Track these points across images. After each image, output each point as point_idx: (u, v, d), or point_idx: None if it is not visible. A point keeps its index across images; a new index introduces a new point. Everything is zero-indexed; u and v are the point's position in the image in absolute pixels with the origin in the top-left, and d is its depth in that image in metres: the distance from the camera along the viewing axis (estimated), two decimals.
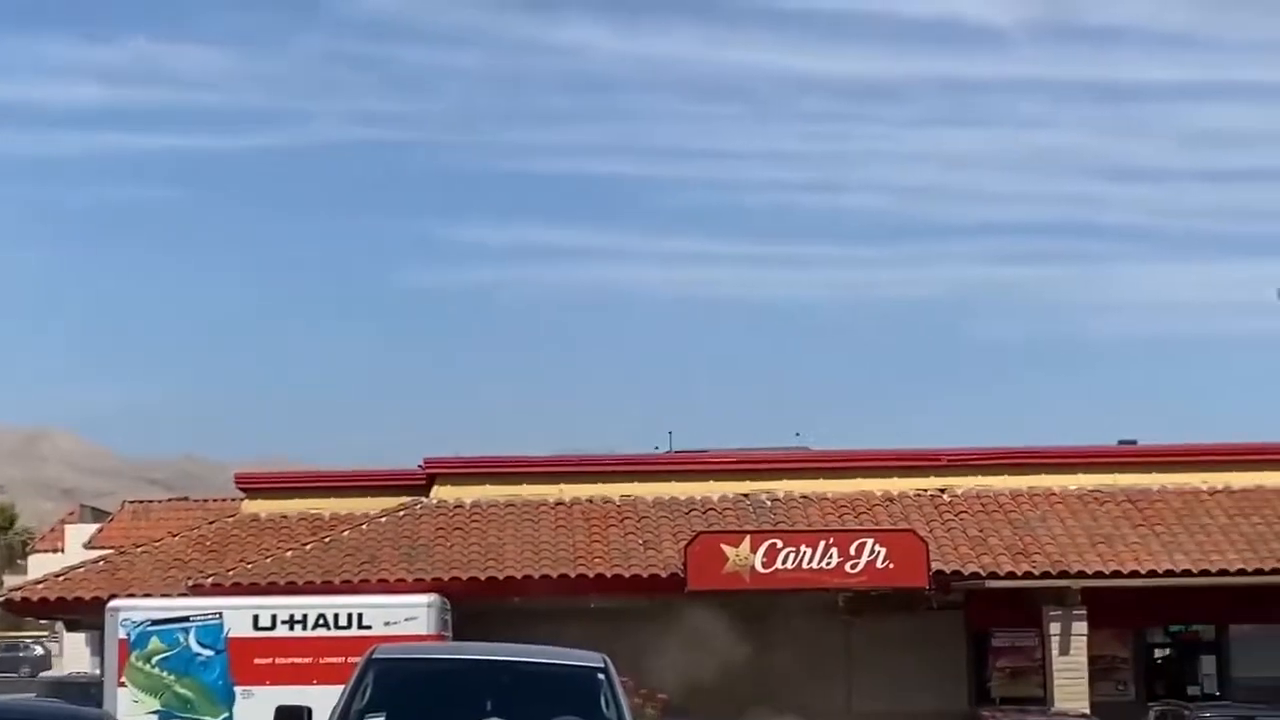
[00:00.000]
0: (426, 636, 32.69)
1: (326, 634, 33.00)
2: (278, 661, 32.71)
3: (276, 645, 32.94)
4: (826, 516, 39.49)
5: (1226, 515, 39.36)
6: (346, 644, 32.54)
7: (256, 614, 33.45)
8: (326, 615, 33.21)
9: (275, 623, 33.16)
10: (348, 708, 14.10)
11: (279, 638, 33.02)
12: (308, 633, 33.08)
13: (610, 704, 14.28)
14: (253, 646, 32.82)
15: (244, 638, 32.92)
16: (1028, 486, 40.78)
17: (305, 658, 32.73)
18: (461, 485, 41.14)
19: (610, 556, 37.86)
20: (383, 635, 32.49)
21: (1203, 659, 40.65)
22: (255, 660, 32.71)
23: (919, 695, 38.11)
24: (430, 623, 33.25)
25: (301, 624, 33.17)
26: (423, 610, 33.41)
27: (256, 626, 33.18)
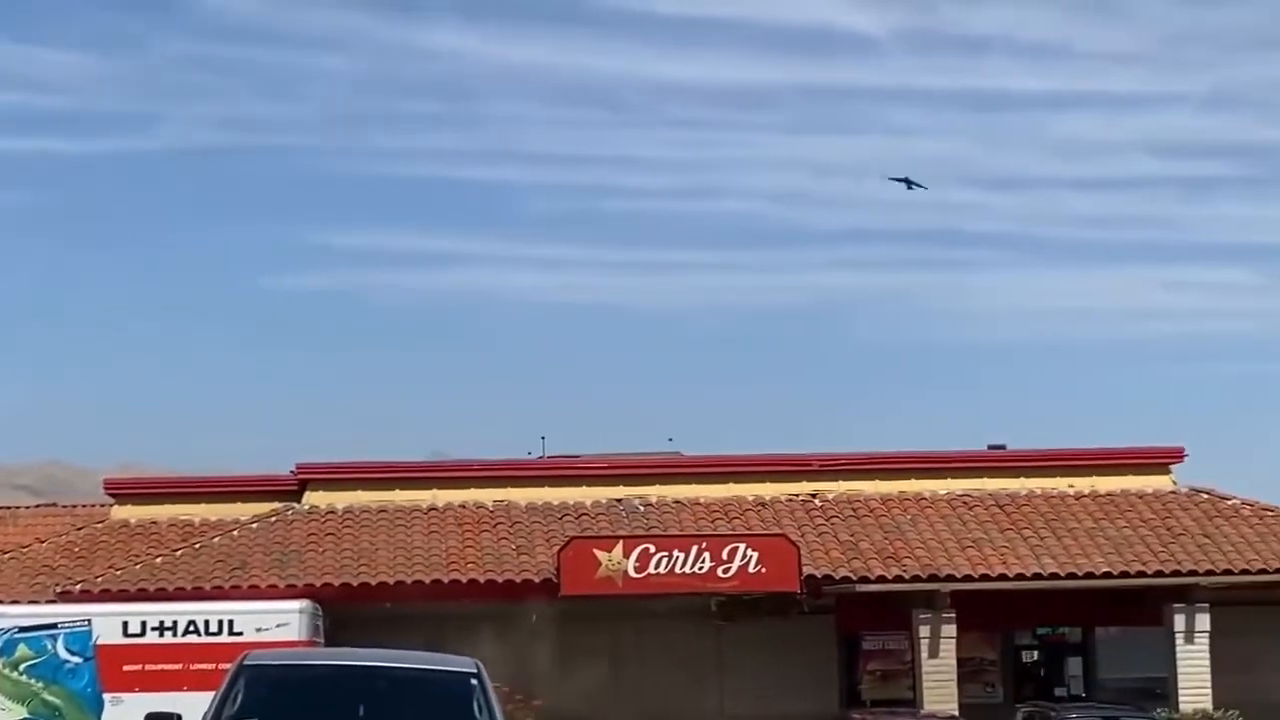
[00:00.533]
0: (298, 642, 32.52)
1: (197, 640, 32.72)
2: (147, 668, 32.37)
3: (146, 652, 32.61)
4: (699, 521, 39.68)
5: (1093, 519, 39.94)
6: (217, 650, 32.30)
7: (126, 620, 33.09)
8: (197, 621, 32.93)
9: (145, 629, 32.83)
10: (218, 714, 14.02)
11: (149, 644, 32.71)
12: (178, 639, 32.79)
13: (483, 709, 14.29)
14: (122, 653, 32.46)
15: (113, 644, 32.56)
16: (898, 491, 41.17)
17: (176, 664, 32.42)
18: (333, 491, 40.94)
19: (483, 561, 37.82)
20: (254, 641, 32.27)
21: (1069, 660, 41.23)
22: (125, 667, 32.35)
23: (790, 698, 38.37)
24: (302, 628, 33.05)
25: (172, 630, 32.87)
26: (294, 616, 33.21)
27: (126, 633, 32.83)
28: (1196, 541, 38.77)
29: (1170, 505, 40.75)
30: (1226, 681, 36.50)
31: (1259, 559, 38.06)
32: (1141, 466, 42.19)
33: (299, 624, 32.96)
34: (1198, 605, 36.74)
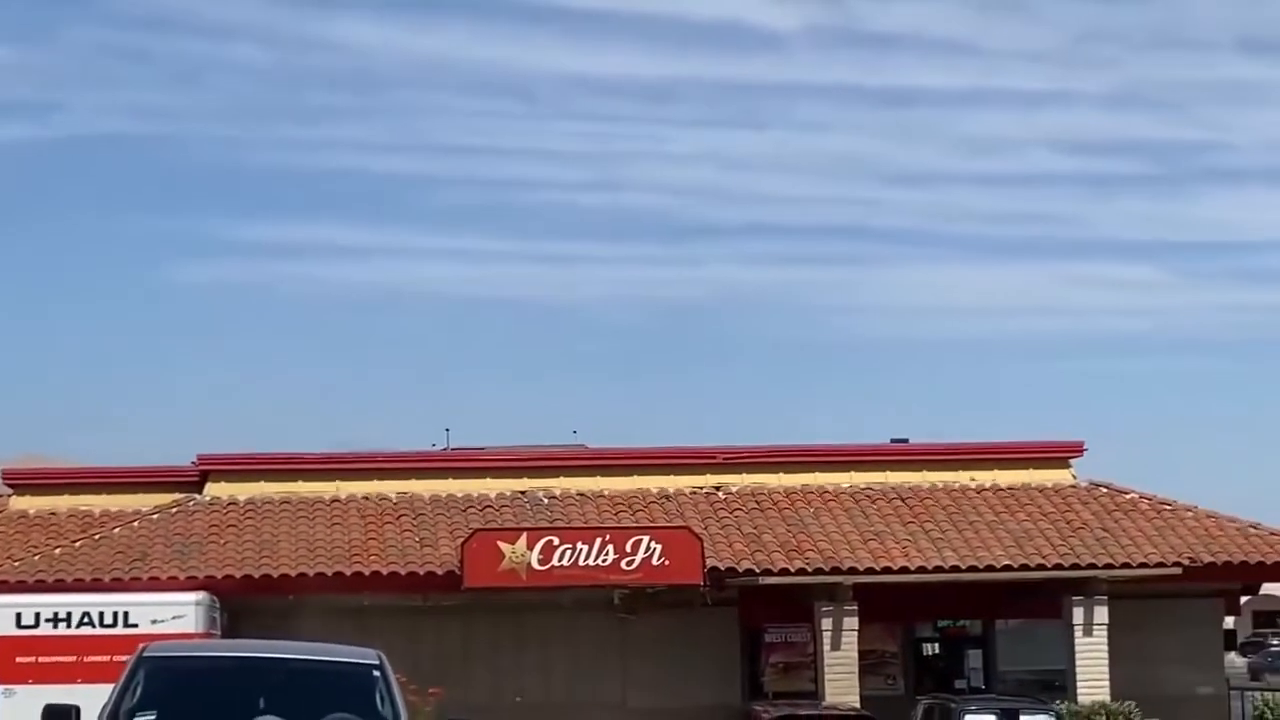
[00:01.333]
0: (195, 635, 32.31)
1: (92, 632, 32.39)
2: (41, 660, 32.02)
3: (40, 644, 32.25)
4: (603, 514, 39.72)
5: (993, 512, 40.26)
6: (112, 642, 32.03)
7: (19, 612, 32.72)
8: (92, 614, 32.59)
9: (39, 621, 32.47)
10: (117, 707, 13.92)
11: (42, 636, 32.34)
12: (72, 631, 32.44)
13: (385, 700, 14.26)
14: (15, 645, 32.10)
15: (6, 636, 32.22)
16: (801, 484, 41.36)
17: (70, 656, 32.10)
18: (235, 482, 40.68)
19: (386, 554, 37.70)
20: (150, 634, 32.04)
21: (970, 653, 41.54)
22: (17, 659, 31.99)
23: (693, 690, 38.48)
24: (198, 621, 32.80)
25: (66, 622, 32.52)
26: (190, 608, 32.91)
27: (19, 625, 32.45)
28: (1095, 535, 39.16)
29: (1070, 499, 41.15)
30: (1124, 673, 36.91)
31: (1156, 553, 38.48)
32: (1042, 460, 42.58)
33: (195, 616, 32.70)
34: (1096, 598, 37.11)
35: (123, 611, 32.60)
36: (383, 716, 14.14)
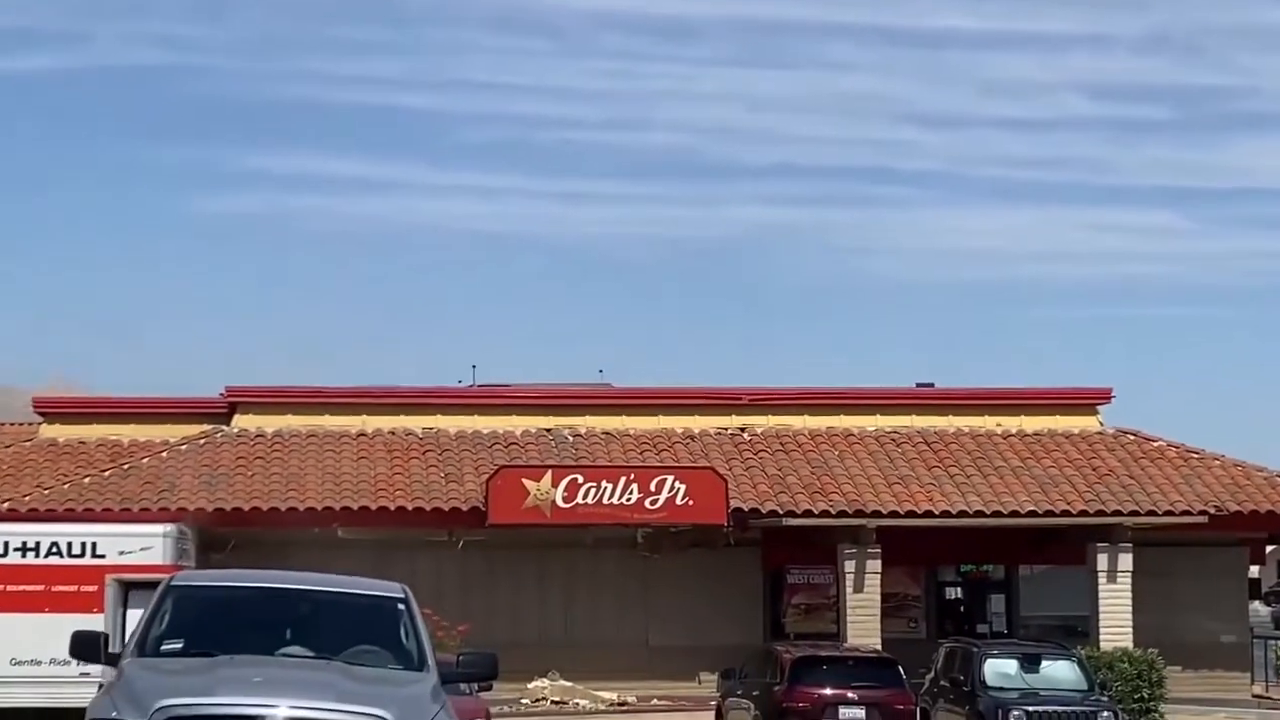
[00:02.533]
0: (162, 567, 32.27)
1: (59, 562, 32.36)
2: (9, 589, 31.97)
3: (8, 572, 32.19)
4: (628, 453, 39.81)
5: (1019, 458, 40.27)
6: (80, 572, 32.16)
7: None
8: (60, 544, 32.55)
9: (7, 550, 32.40)
10: (145, 634, 13.98)
11: (10, 565, 32.22)
12: (40, 560, 32.39)
13: (410, 634, 14.30)
14: None
15: None
16: (826, 427, 41.41)
17: (38, 585, 32.11)
18: (263, 415, 40.86)
19: (412, 489, 37.85)
20: (117, 564, 32.24)
21: (992, 598, 41.64)
22: None
23: (715, 630, 38.61)
24: (166, 552, 32.69)
25: (34, 551, 32.45)
26: (158, 540, 32.81)
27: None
28: (1121, 482, 39.17)
29: (1096, 446, 41.14)
30: (1147, 621, 36.94)
31: (1183, 500, 38.50)
32: (1069, 407, 42.57)
33: (163, 548, 32.66)
34: (1121, 545, 37.11)
35: (90, 542, 32.55)
36: (407, 650, 14.19)
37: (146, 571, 32.11)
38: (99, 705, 12.81)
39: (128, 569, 32.23)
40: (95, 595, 31.90)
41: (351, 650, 13.99)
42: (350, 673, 13.39)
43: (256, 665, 13.34)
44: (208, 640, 13.87)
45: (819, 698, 26.74)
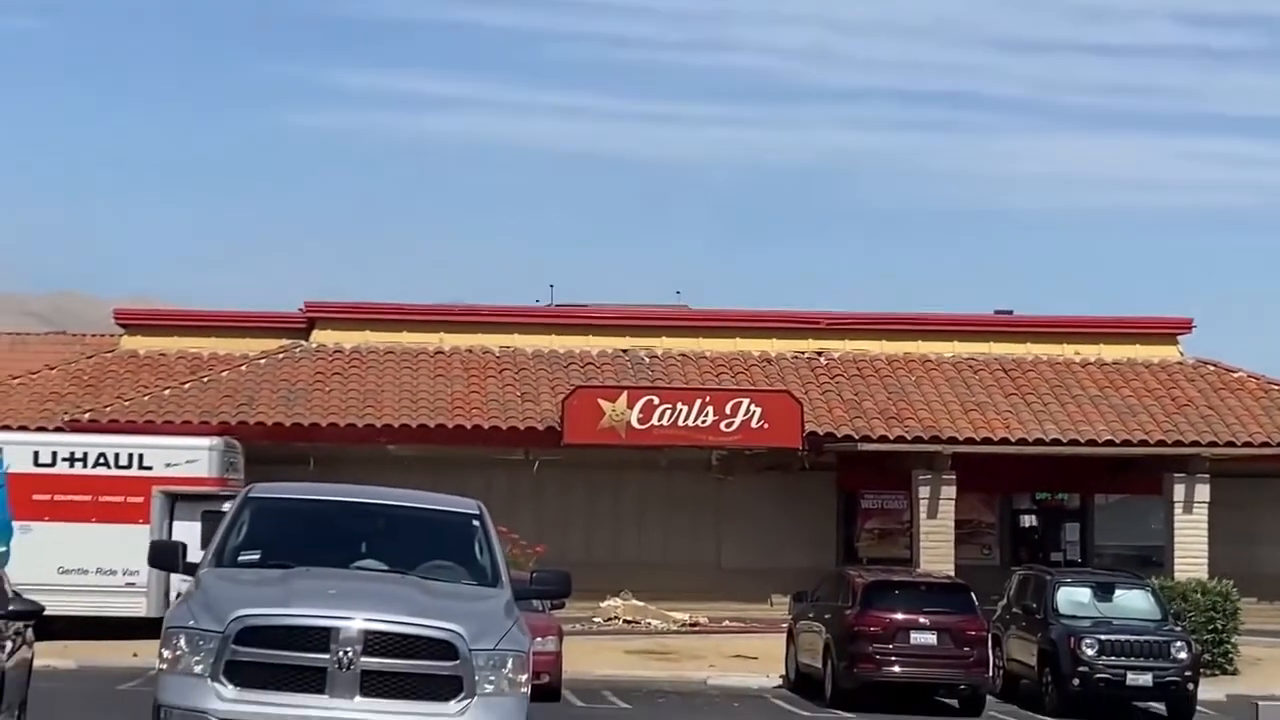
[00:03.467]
0: (208, 479, 32.69)
1: (107, 473, 32.72)
2: (57, 498, 32.38)
3: (56, 482, 32.54)
4: (704, 375, 39.80)
5: (1097, 387, 40.02)
6: (125, 483, 32.59)
7: (37, 450, 32.97)
8: (108, 454, 32.87)
9: (56, 460, 32.76)
10: (223, 544, 14.10)
11: (59, 474, 32.60)
12: (88, 470, 32.76)
13: (484, 550, 14.37)
14: (32, 482, 32.34)
15: (23, 473, 32.51)
16: (904, 352, 41.26)
17: (84, 495, 32.50)
18: (342, 330, 41.07)
19: (488, 408, 37.98)
20: (162, 476, 32.60)
21: (1067, 526, 41.51)
22: (34, 496, 32.23)
23: (787, 553, 38.65)
24: (212, 465, 32.95)
25: (82, 462, 32.83)
26: (204, 453, 33.08)
27: (36, 463, 32.71)
28: (1200, 412, 38.89)
29: (1176, 376, 40.84)
30: (1223, 552, 36.72)
31: (1261, 432, 38.21)
32: (1148, 336, 42.24)
33: (209, 461, 32.95)
34: (1198, 476, 36.87)
35: (138, 454, 32.87)
36: (481, 566, 14.26)
37: (192, 484, 32.56)
38: (177, 614, 12.96)
39: (174, 481, 32.62)
40: (141, 507, 32.34)
41: (426, 565, 14.09)
42: (424, 587, 13.49)
43: (332, 578, 13.47)
44: (284, 552, 13.99)
45: (891, 622, 26.73)
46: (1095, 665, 26.68)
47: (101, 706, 22.06)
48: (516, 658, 12.84)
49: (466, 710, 12.47)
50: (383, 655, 12.39)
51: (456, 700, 12.49)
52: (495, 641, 12.77)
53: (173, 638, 12.60)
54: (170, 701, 12.45)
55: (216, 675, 12.34)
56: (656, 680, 29.45)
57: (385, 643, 12.42)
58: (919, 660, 26.62)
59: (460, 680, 12.51)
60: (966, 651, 26.72)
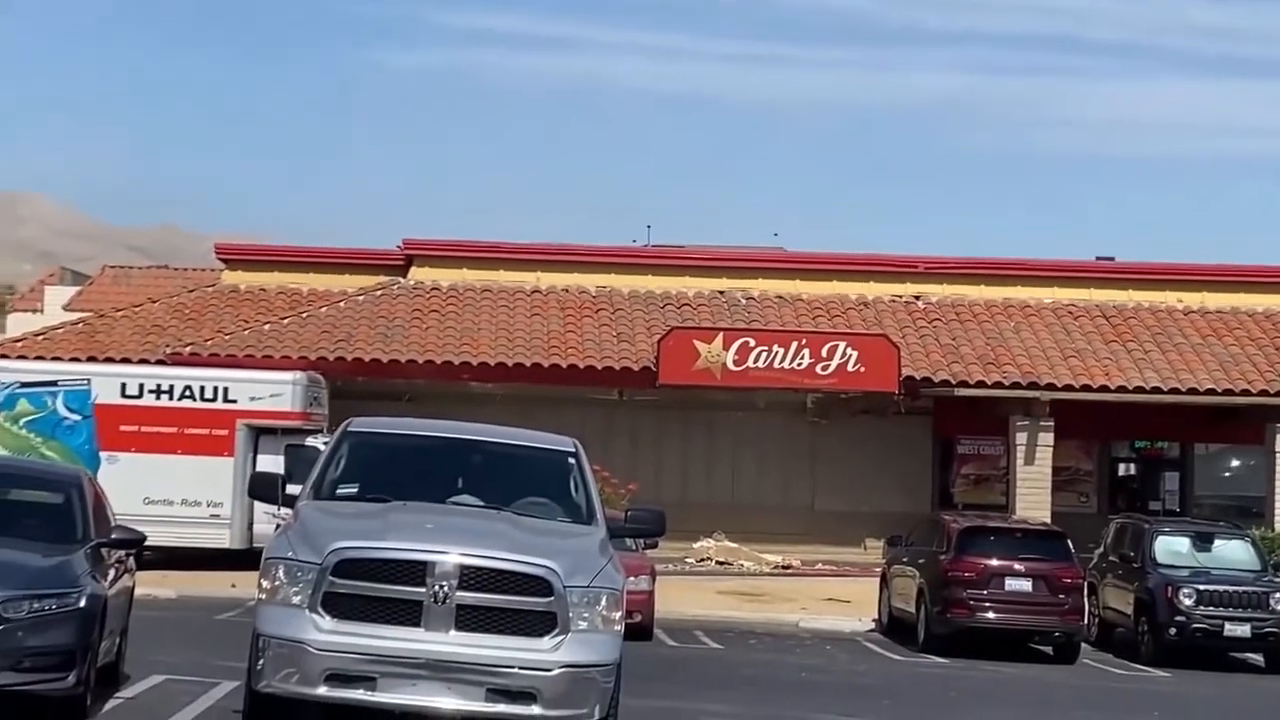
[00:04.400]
0: (291, 413, 33.00)
1: (192, 405, 33.07)
2: (143, 430, 32.77)
3: (142, 414, 32.90)
4: (800, 317, 39.67)
5: (1200, 335, 39.59)
6: (210, 416, 32.96)
7: (124, 382, 33.38)
8: (193, 387, 33.23)
9: (142, 391, 33.14)
10: (322, 477, 14.19)
11: (145, 407, 32.98)
12: (174, 403, 33.10)
13: (579, 488, 14.40)
14: (119, 414, 32.82)
15: (111, 405, 32.92)
16: (1003, 298, 40.96)
17: (170, 427, 32.86)
18: (439, 268, 41.20)
19: (583, 347, 38.04)
20: (247, 410, 32.95)
21: (1166, 475, 41.20)
22: (121, 427, 32.72)
23: (882, 497, 38.58)
24: (295, 400, 33.22)
25: (168, 394, 33.17)
26: (288, 387, 33.33)
27: (124, 394, 33.14)
28: None
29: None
30: None
31: None
32: (1253, 285, 41.70)
33: (292, 395, 33.24)
34: None
35: (223, 387, 33.19)
36: (576, 503, 14.30)
37: (276, 418, 32.89)
38: (276, 546, 13.08)
39: (258, 415, 32.95)
40: (226, 439, 32.71)
41: (522, 501, 14.14)
42: (520, 524, 13.54)
43: (429, 513, 13.54)
44: (382, 486, 14.08)
45: (985, 568, 26.59)
46: (1192, 615, 26.46)
47: (200, 636, 22.32)
48: (610, 595, 12.88)
49: (560, 646, 12.53)
50: (478, 590, 12.46)
51: (550, 636, 12.56)
52: (589, 579, 12.82)
53: (272, 569, 12.73)
54: (269, 631, 12.58)
55: (314, 607, 12.45)
56: (748, 622, 29.48)
57: (480, 578, 12.48)
58: (1013, 607, 26.48)
59: (554, 616, 12.57)
60: (1062, 599, 26.55)
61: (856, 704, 19.81)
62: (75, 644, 13.93)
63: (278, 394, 33.23)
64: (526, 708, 12.54)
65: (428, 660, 12.34)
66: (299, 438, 31.16)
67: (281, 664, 12.47)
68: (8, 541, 14.52)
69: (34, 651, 13.68)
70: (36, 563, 14.23)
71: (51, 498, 15.69)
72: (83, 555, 14.68)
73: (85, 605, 14.07)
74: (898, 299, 40.80)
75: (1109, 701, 22.39)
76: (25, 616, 13.65)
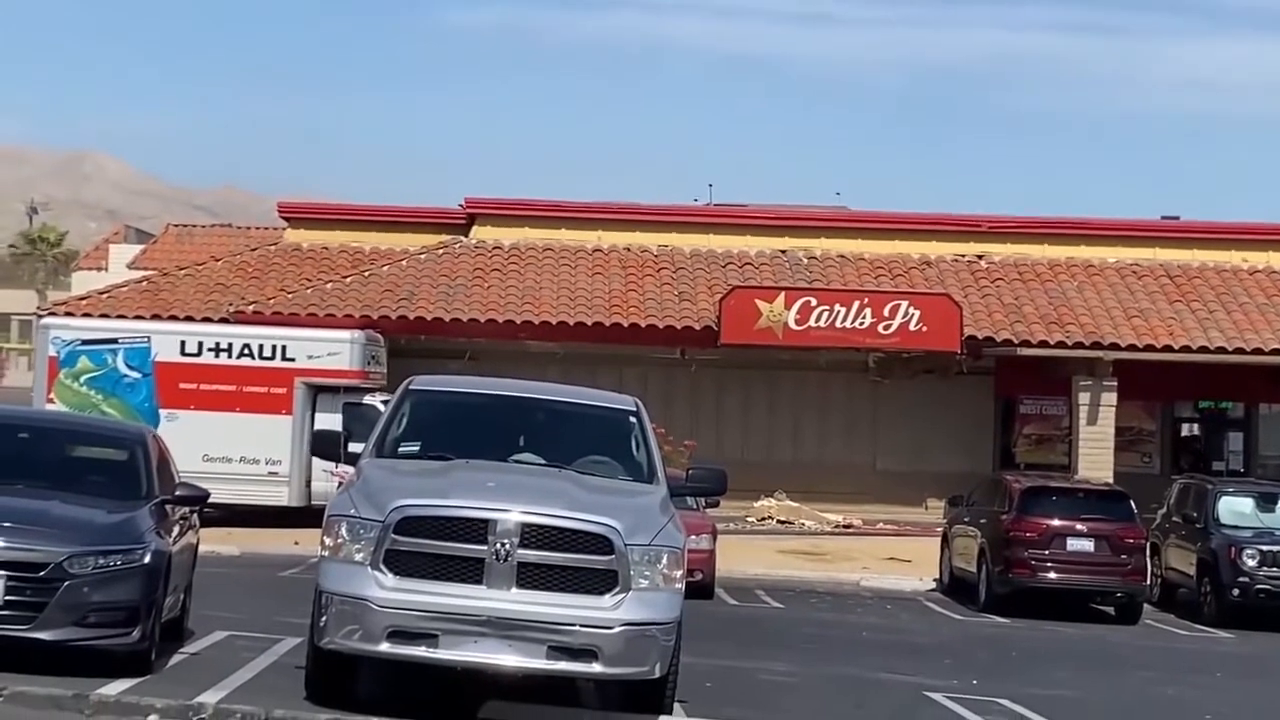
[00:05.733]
0: (349, 372, 33.16)
1: (251, 364, 33.23)
2: (202, 388, 32.94)
3: (202, 372, 33.09)
4: (862, 277, 39.53)
5: (1265, 295, 39.29)
6: (269, 374, 33.19)
7: (184, 340, 33.57)
8: (252, 345, 33.38)
9: (201, 350, 33.32)
10: (384, 435, 14.26)
11: (204, 364, 33.18)
12: (232, 361, 33.27)
13: (640, 446, 14.43)
14: (179, 371, 33.03)
15: (170, 362, 33.14)
16: (1066, 257, 40.72)
17: (229, 385, 33.01)
18: (501, 227, 41.23)
19: (645, 306, 38.02)
20: (305, 368, 33.12)
21: (1230, 436, 40.91)
22: (180, 385, 32.91)
23: (943, 457, 38.47)
24: (353, 358, 33.36)
25: (227, 352, 33.34)
26: (345, 346, 33.47)
27: (183, 352, 33.31)
28: None
29: None
30: None
31: None
32: None
33: (350, 354, 33.40)
34: None
35: (281, 345, 33.35)
36: (638, 462, 14.33)
37: (334, 376, 33.13)
38: (339, 503, 13.17)
39: (316, 373, 33.14)
40: (284, 397, 32.91)
41: (583, 460, 14.19)
42: (581, 482, 13.59)
43: (490, 471, 13.60)
44: (443, 444, 14.14)
45: (1047, 528, 26.53)
46: (1256, 576, 26.36)
47: (264, 592, 22.50)
48: (671, 554, 12.92)
49: (621, 604, 12.59)
50: (539, 548, 12.52)
51: (611, 594, 12.61)
52: (650, 537, 12.86)
53: (334, 526, 12.82)
54: (331, 588, 12.68)
55: (376, 564, 12.54)
56: (809, 580, 29.51)
57: (542, 536, 12.54)
58: (1075, 567, 26.44)
59: (615, 574, 12.62)
60: (1124, 559, 26.49)
61: (917, 663, 19.83)
62: (139, 600, 14.08)
63: (335, 352, 33.41)
64: (587, 665, 12.61)
65: (489, 618, 12.41)
66: (357, 396, 31.45)
67: (344, 620, 12.57)
68: (73, 498, 14.70)
69: (99, 607, 13.84)
70: (102, 519, 14.39)
71: (117, 454, 15.84)
72: (147, 512, 14.83)
73: (149, 561, 14.22)
74: (960, 258, 40.60)
75: (1171, 662, 22.34)
76: (90, 572, 13.81)
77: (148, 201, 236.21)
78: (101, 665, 13.87)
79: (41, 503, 14.41)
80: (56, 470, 15.35)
